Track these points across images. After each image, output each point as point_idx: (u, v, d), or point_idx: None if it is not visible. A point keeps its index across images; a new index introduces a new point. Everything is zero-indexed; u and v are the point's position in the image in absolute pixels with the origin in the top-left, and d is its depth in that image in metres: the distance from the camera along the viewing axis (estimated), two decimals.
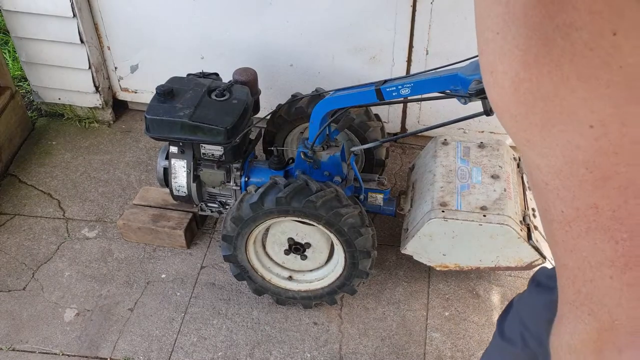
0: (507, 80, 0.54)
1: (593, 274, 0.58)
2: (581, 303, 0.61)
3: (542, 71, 0.52)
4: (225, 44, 2.62)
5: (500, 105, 0.57)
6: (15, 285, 2.28)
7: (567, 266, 0.61)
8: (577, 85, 0.50)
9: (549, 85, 0.52)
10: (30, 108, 3.08)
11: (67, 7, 2.51)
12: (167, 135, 2.02)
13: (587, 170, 0.54)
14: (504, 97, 0.56)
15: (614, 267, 0.57)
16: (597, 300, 0.59)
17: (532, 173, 0.59)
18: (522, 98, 0.54)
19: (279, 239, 2.04)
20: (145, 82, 2.86)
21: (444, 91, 1.64)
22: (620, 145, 0.52)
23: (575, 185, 0.55)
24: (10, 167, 2.77)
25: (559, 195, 0.57)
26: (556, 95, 0.52)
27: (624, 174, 0.53)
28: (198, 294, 2.26)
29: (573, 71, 0.50)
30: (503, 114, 0.58)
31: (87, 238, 2.46)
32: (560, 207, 0.58)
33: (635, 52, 0.47)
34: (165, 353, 2.08)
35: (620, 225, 0.55)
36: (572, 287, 0.62)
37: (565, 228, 0.58)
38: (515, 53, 0.53)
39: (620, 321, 0.59)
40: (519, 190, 2.15)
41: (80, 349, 2.09)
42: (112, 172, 2.74)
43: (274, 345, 2.10)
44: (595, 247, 0.57)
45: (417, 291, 2.27)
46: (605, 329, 0.60)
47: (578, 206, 0.56)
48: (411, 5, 2.36)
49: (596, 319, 0.60)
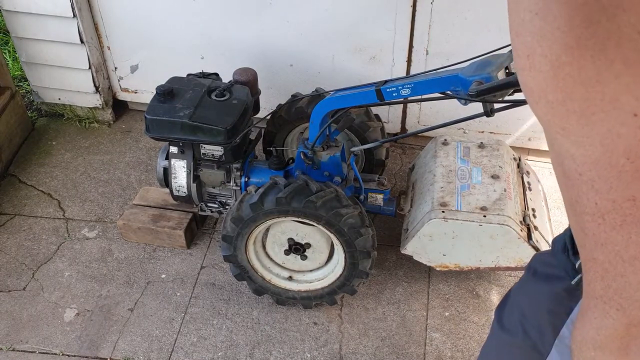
0: (545, 64, 0.52)
1: (625, 268, 0.57)
2: (610, 298, 0.60)
3: (584, 55, 0.49)
4: (225, 44, 2.61)
5: (535, 91, 0.54)
6: (15, 286, 2.28)
7: (597, 260, 0.59)
8: (621, 70, 0.48)
9: (592, 70, 0.49)
10: (30, 108, 3.08)
11: (67, 7, 2.51)
12: (167, 136, 2.02)
13: (627, 160, 0.51)
14: (541, 81, 0.53)
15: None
16: (627, 295, 0.58)
17: (564, 163, 0.57)
18: (561, 83, 0.51)
19: (279, 239, 2.04)
20: (145, 82, 2.86)
21: (445, 92, 1.64)
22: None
23: (614, 176, 0.53)
24: (10, 167, 2.77)
25: (594, 187, 0.55)
26: (598, 81, 0.49)
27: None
28: (198, 294, 2.26)
29: (618, 55, 0.47)
30: (538, 100, 0.55)
31: (87, 238, 2.46)
32: (594, 198, 0.55)
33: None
34: (165, 353, 2.08)
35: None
36: (600, 281, 0.60)
37: (597, 221, 0.56)
38: (556, 35, 0.50)
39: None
40: (519, 190, 2.15)
41: (80, 349, 2.09)
42: (112, 172, 2.74)
43: (274, 346, 2.10)
44: (630, 241, 0.55)
45: (417, 291, 2.27)
46: (634, 325, 0.59)
47: (614, 198, 0.54)
48: (411, 5, 2.36)
49: (625, 315, 0.59)
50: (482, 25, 2.36)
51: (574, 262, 0.85)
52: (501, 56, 1.56)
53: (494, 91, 1.46)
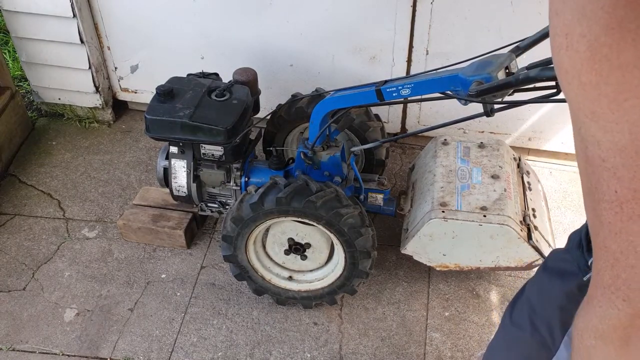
0: (583, 44, 0.50)
1: (637, 260, 0.56)
2: (617, 288, 0.59)
3: (625, 37, 0.48)
4: (225, 44, 2.61)
5: (570, 72, 0.53)
6: (16, 286, 2.28)
7: (609, 249, 0.58)
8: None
9: (631, 54, 0.48)
10: (30, 108, 3.08)
11: (67, 7, 2.51)
12: (167, 136, 2.02)
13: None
14: (577, 62, 0.52)
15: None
16: (636, 287, 0.58)
17: (588, 148, 0.56)
18: (597, 65, 0.50)
19: (279, 239, 2.04)
20: (145, 82, 2.86)
21: (445, 92, 1.64)
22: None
23: (639, 165, 0.52)
24: (10, 167, 2.77)
25: (616, 174, 0.54)
26: (636, 66, 0.48)
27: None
28: (198, 294, 2.26)
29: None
30: (572, 81, 0.54)
31: (87, 238, 2.46)
32: (614, 186, 0.55)
33: None
34: (165, 353, 2.08)
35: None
36: (610, 270, 0.59)
37: (615, 209, 0.56)
38: (598, 15, 0.49)
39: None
40: (519, 190, 2.15)
41: (80, 349, 2.09)
42: (112, 172, 2.74)
43: (274, 346, 2.10)
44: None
45: (417, 291, 2.27)
46: (639, 317, 0.59)
47: (636, 188, 0.53)
48: (411, 5, 2.36)
49: (631, 306, 0.59)
50: (482, 25, 2.36)
51: (587, 259, 0.84)
52: (501, 56, 1.56)
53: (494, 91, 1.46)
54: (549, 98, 1.45)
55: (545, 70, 1.36)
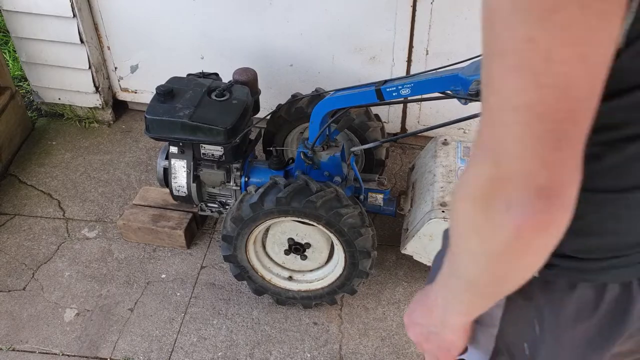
0: None
1: (509, 117, 0.57)
2: (489, 147, 0.61)
3: None
4: (225, 43, 2.61)
5: None
6: (15, 286, 2.28)
7: (488, 105, 0.59)
8: None
9: None
10: (30, 108, 3.08)
11: (67, 7, 2.51)
12: (167, 136, 2.02)
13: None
14: None
15: (530, 115, 0.56)
16: (503, 147, 0.59)
17: (485, 1, 0.57)
18: None
19: (279, 239, 2.04)
20: (145, 82, 2.86)
21: (445, 92, 1.64)
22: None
23: (524, 10, 0.53)
24: (10, 167, 2.77)
25: (503, 23, 0.55)
26: None
27: (567, 11, 0.52)
28: (198, 294, 2.26)
29: None
30: None
31: (87, 238, 2.46)
32: (501, 36, 0.56)
33: None
34: (165, 353, 2.08)
35: (548, 69, 0.54)
36: (487, 128, 0.60)
37: (497, 61, 0.57)
38: None
39: (517, 174, 0.58)
40: None
41: (80, 349, 2.09)
42: (112, 172, 2.74)
43: (274, 346, 2.10)
44: (518, 87, 0.56)
45: (417, 291, 2.27)
46: (501, 178, 0.60)
47: (517, 36, 0.54)
48: (411, 5, 2.36)
49: (496, 166, 0.60)
50: None
51: None
52: None
53: None
54: None
55: None
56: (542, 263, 0.67)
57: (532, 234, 0.61)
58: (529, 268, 0.68)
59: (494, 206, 0.62)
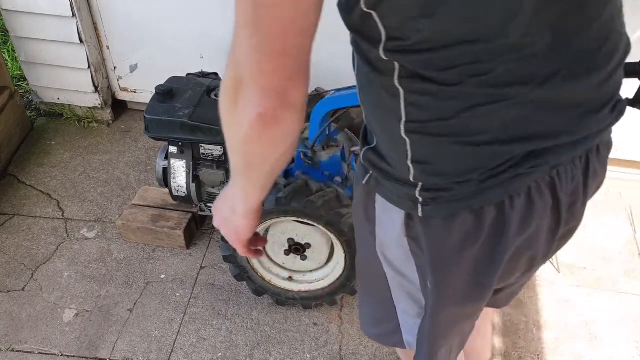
0: None
1: (240, 32, 0.77)
2: (231, 58, 0.80)
3: None
4: (224, 43, 2.59)
5: None
6: (15, 286, 2.27)
7: (234, 25, 0.78)
8: None
9: None
10: (29, 108, 3.07)
11: (66, 6, 2.51)
12: (167, 135, 2.01)
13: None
14: None
15: (249, 30, 0.75)
16: (236, 57, 0.79)
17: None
18: None
19: (278, 240, 2.04)
20: (144, 82, 2.85)
21: None
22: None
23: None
24: (9, 167, 2.76)
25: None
26: None
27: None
28: (197, 294, 2.25)
29: None
30: None
31: (86, 238, 2.45)
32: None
33: None
34: (165, 354, 2.07)
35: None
36: (232, 42, 0.80)
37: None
38: None
39: (246, 78, 0.78)
40: None
41: (79, 350, 2.08)
42: (111, 172, 2.74)
43: (274, 346, 2.10)
44: (244, 8, 0.74)
45: None
46: (239, 81, 0.78)
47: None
48: None
49: (235, 72, 0.79)
50: None
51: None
52: None
53: None
54: None
55: None
56: (282, 153, 0.85)
57: (262, 125, 0.79)
58: (270, 155, 0.86)
59: (236, 103, 0.80)
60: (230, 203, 1.04)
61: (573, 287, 2.29)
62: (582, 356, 2.08)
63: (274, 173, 0.91)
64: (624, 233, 2.49)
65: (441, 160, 0.88)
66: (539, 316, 2.19)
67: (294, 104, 0.80)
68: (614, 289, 2.29)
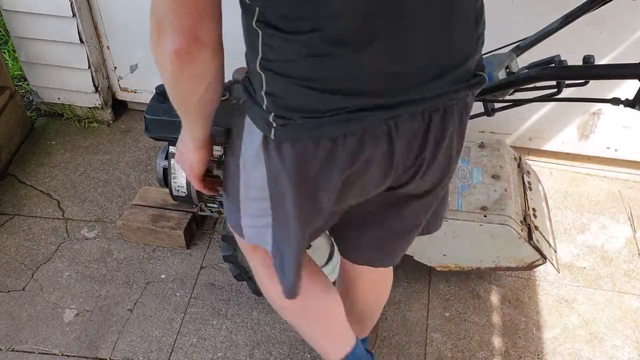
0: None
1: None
2: (153, 9, 0.95)
3: None
4: (224, 43, 2.60)
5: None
6: (15, 286, 2.28)
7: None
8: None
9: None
10: (30, 108, 3.07)
11: (66, 6, 2.51)
12: (167, 135, 2.01)
13: None
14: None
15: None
16: (157, 6, 0.94)
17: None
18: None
19: None
20: (144, 82, 2.85)
21: None
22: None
23: None
24: (9, 167, 2.76)
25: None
26: None
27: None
28: (198, 294, 2.25)
29: None
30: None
31: (86, 238, 2.45)
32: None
33: None
34: (165, 354, 2.07)
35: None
36: (153, 3, 0.94)
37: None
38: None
39: (163, 21, 0.94)
40: (519, 190, 2.14)
41: (79, 350, 2.08)
42: (111, 172, 2.74)
43: (274, 346, 2.10)
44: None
45: (417, 291, 2.27)
46: (160, 26, 0.95)
47: None
48: None
49: (156, 14, 0.95)
50: None
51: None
52: (501, 55, 1.55)
53: (494, 91, 1.46)
54: (549, 97, 1.44)
55: (546, 69, 1.36)
56: (205, 87, 1.08)
57: (180, 61, 0.97)
58: (195, 89, 1.07)
59: (160, 42, 0.95)
60: (184, 142, 1.25)
61: (573, 287, 2.30)
62: (582, 356, 2.08)
63: (205, 107, 1.13)
64: (624, 233, 2.49)
65: (287, 97, 1.03)
66: (539, 316, 2.20)
67: (205, 42, 1.00)
68: (614, 289, 2.29)
